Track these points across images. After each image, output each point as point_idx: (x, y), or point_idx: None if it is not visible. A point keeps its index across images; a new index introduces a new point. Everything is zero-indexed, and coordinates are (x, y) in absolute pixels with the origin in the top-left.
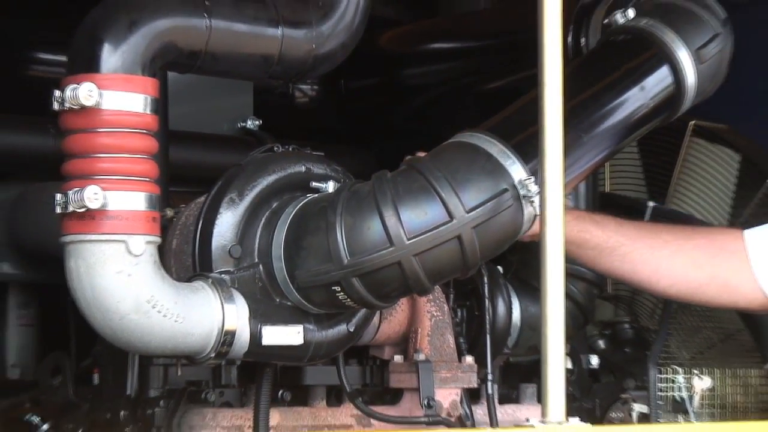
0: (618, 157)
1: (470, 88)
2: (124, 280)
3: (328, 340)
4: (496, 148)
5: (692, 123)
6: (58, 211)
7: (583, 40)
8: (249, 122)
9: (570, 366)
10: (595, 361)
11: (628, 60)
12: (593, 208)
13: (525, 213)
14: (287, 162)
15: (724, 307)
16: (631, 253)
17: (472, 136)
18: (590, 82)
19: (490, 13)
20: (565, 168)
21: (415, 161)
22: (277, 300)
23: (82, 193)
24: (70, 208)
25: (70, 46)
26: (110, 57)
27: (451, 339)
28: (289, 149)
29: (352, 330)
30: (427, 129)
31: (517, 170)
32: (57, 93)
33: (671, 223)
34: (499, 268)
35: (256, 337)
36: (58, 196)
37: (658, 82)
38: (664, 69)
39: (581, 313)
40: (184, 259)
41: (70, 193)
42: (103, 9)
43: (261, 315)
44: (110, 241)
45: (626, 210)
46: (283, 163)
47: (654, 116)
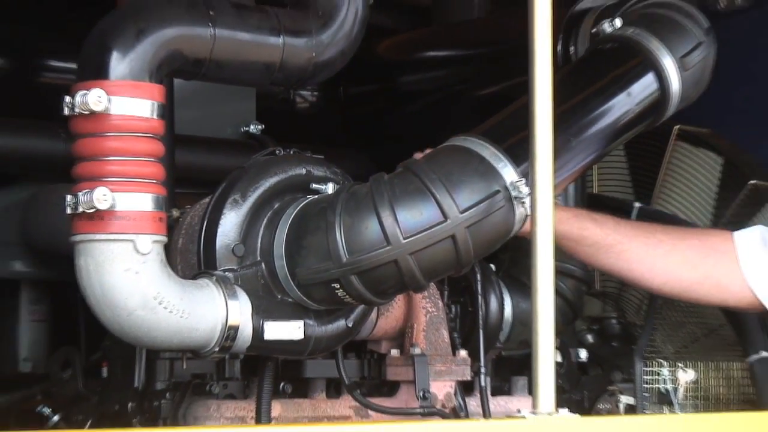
0: (606, 160)
1: (464, 94)
2: (132, 278)
3: (328, 335)
4: (489, 152)
5: (677, 127)
6: (68, 211)
7: (572, 48)
8: (252, 127)
9: (559, 359)
10: (583, 354)
11: (615, 67)
12: (583, 208)
13: (516, 213)
14: (288, 165)
15: (715, 305)
16: (627, 251)
17: (466, 140)
18: (579, 89)
19: (483, 22)
20: (555, 170)
21: (411, 164)
22: (279, 297)
23: (92, 195)
24: (80, 209)
25: (80, 54)
26: (118, 64)
27: (445, 334)
28: (290, 153)
29: (350, 325)
30: (422, 133)
31: (509, 172)
32: (67, 99)
33: (657, 223)
34: (492, 266)
35: (258, 332)
36: (68, 198)
37: (643, 88)
38: (650, 76)
39: (570, 309)
40: (190, 258)
41: (80, 194)
42: (112, 18)
43: (263, 311)
44: (118, 240)
45: (613, 210)
46: (285, 165)
47: (640, 121)
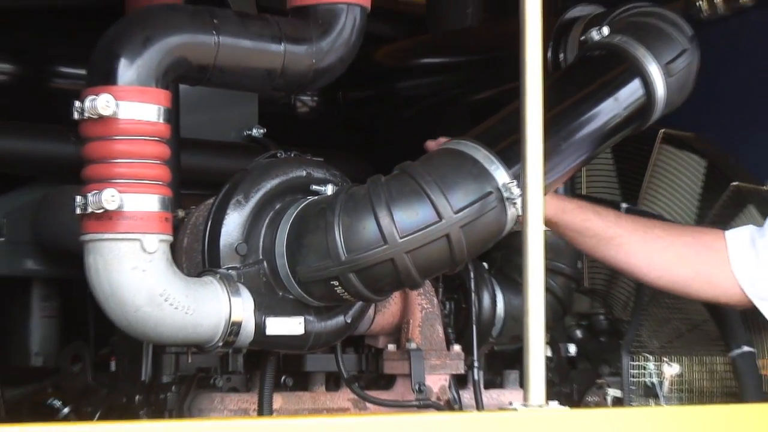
0: (594, 163)
1: (458, 99)
2: (139, 276)
3: (327, 331)
4: (482, 154)
5: (662, 131)
6: (78, 212)
7: (562, 55)
8: (254, 130)
9: (550, 354)
10: (572, 349)
11: (603, 74)
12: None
13: (508, 214)
14: (289, 167)
15: (707, 301)
16: (627, 244)
17: (460, 143)
18: (568, 94)
19: (477, 30)
20: (545, 172)
21: (407, 166)
22: (280, 294)
23: (100, 196)
24: (89, 210)
25: (90, 61)
26: (126, 71)
27: (440, 329)
28: (291, 155)
29: (349, 321)
30: (418, 137)
31: (501, 174)
32: (77, 104)
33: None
34: (485, 264)
35: (260, 328)
36: (78, 198)
37: (630, 94)
38: (636, 82)
39: (560, 306)
40: (194, 256)
41: (89, 195)
42: (120, 26)
43: (265, 307)
44: (126, 239)
45: None
46: (286, 168)
47: (627, 125)
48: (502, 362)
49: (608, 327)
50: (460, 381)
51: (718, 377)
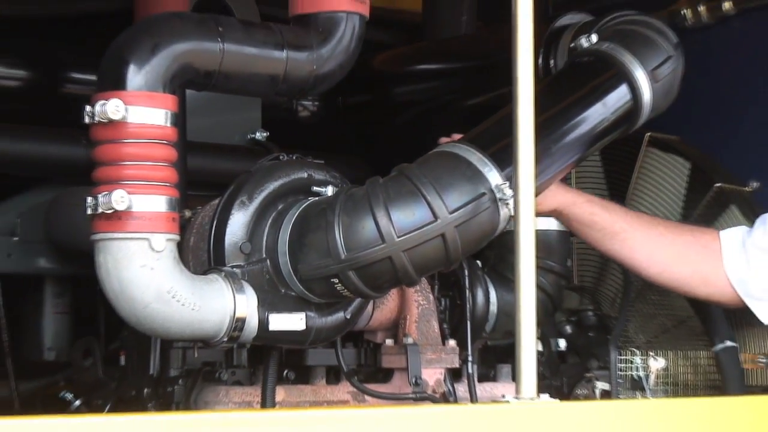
0: (583, 165)
1: (453, 103)
2: (147, 274)
3: (328, 326)
4: (476, 157)
5: (648, 135)
6: (88, 212)
7: (552, 61)
8: (257, 134)
9: (540, 348)
10: (562, 344)
11: (592, 79)
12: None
13: (501, 214)
14: (291, 169)
15: (703, 299)
16: (631, 239)
17: (455, 146)
18: (558, 99)
19: (471, 37)
20: (537, 174)
21: (404, 168)
22: (282, 291)
23: (110, 197)
24: (100, 210)
25: (100, 67)
26: (135, 76)
27: (435, 325)
28: (293, 158)
29: (348, 317)
30: (414, 140)
31: (494, 176)
32: (88, 108)
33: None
34: (478, 262)
35: (263, 324)
36: (88, 199)
37: (618, 98)
38: (623, 87)
39: (550, 302)
40: (201, 255)
41: (99, 196)
42: (129, 34)
43: (268, 304)
44: (135, 238)
45: None
46: (288, 170)
47: (614, 129)
48: (495, 356)
49: (596, 323)
50: (454, 374)
51: (702, 371)
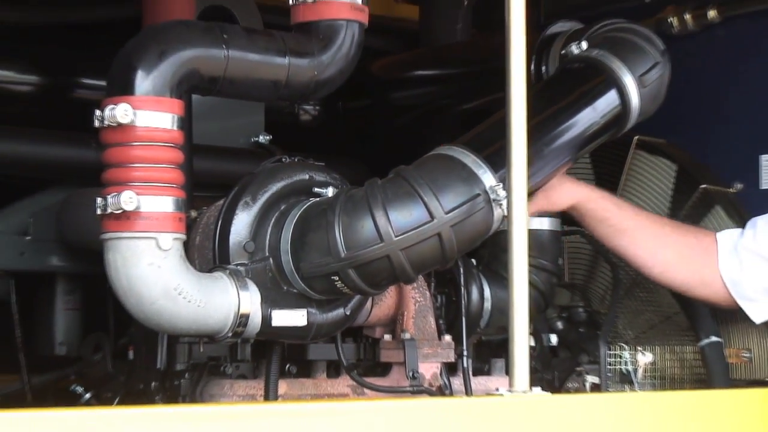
0: (574, 166)
1: (449, 108)
2: (155, 271)
3: (328, 322)
4: (470, 159)
5: (636, 138)
6: (98, 212)
7: (544, 67)
8: (261, 137)
9: (533, 343)
10: (554, 339)
11: (582, 85)
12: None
13: (495, 214)
14: (293, 171)
15: (701, 300)
16: (639, 237)
17: (450, 149)
18: (550, 103)
19: (466, 44)
20: (529, 176)
21: (402, 170)
22: (285, 288)
23: (119, 198)
24: (109, 210)
25: (109, 73)
26: (143, 82)
27: (432, 321)
28: (295, 160)
29: (348, 313)
30: (412, 143)
31: (488, 178)
32: (98, 112)
33: None
34: (473, 260)
35: (266, 320)
36: (98, 200)
37: (607, 103)
38: (612, 92)
39: (542, 299)
40: (206, 253)
41: (108, 197)
42: (137, 41)
43: (271, 301)
44: (143, 238)
45: None
46: (290, 171)
47: (603, 132)
48: (489, 351)
49: (587, 319)
50: (450, 368)
51: (688, 365)
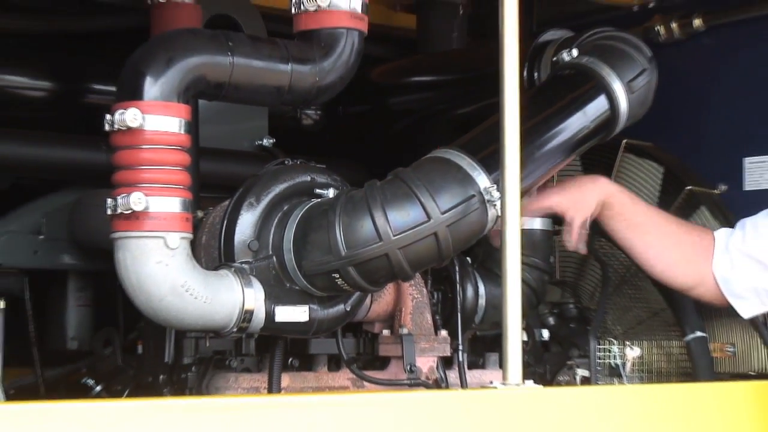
0: (565, 169)
1: (445, 113)
2: (163, 269)
3: (329, 318)
4: (466, 162)
5: (624, 141)
6: (108, 212)
7: (536, 74)
8: (264, 141)
9: (525, 338)
10: (545, 334)
11: (572, 90)
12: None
13: (489, 214)
14: (295, 173)
15: (697, 299)
16: (647, 234)
17: (446, 152)
18: (542, 108)
19: (461, 52)
20: (522, 178)
21: (400, 172)
22: (288, 285)
23: (129, 198)
24: (119, 210)
25: (119, 79)
26: (151, 87)
27: (428, 316)
28: (297, 163)
29: (348, 309)
30: (409, 146)
31: (483, 179)
32: (108, 117)
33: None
34: (468, 258)
35: (270, 315)
36: (108, 201)
37: (596, 108)
38: (602, 98)
39: (534, 296)
40: (212, 252)
41: (118, 198)
42: (146, 48)
43: (274, 297)
44: (151, 237)
45: None
46: (292, 173)
47: (593, 136)
48: (484, 346)
49: (577, 314)
50: (446, 362)
51: (674, 359)
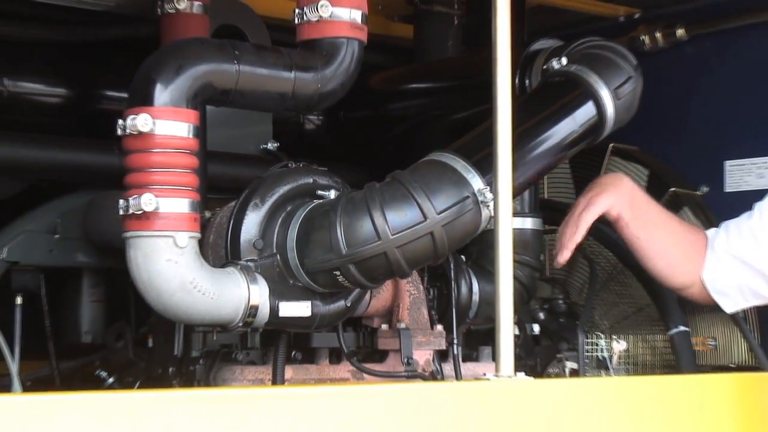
0: (554, 171)
1: (440, 118)
2: (172, 267)
3: (331, 313)
4: (460, 164)
5: (611, 145)
6: (120, 213)
7: (528, 81)
8: (269, 144)
9: (517, 332)
10: (536, 328)
11: (562, 97)
12: (534, 212)
13: (483, 215)
14: (298, 175)
15: (689, 298)
16: (654, 230)
17: (442, 155)
18: (533, 114)
19: (456, 60)
20: (514, 180)
21: (397, 174)
22: (291, 282)
23: (140, 199)
24: (131, 211)
25: (131, 86)
26: (161, 94)
27: (425, 311)
28: (300, 165)
29: (349, 305)
30: (407, 150)
31: (477, 181)
32: (120, 122)
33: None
34: (463, 256)
35: (274, 311)
36: (120, 202)
37: (584, 114)
38: (590, 104)
39: (525, 292)
40: (219, 250)
41: (130, 199)
42: (156, 57)
43: (278, 293)
44: (161, 236)
45: (560, 212)
46: (295, 176)
47: (581, 140)
48: (477, 339)
49: (566, 310)
50: (442, 355)
51: (658, 352)
